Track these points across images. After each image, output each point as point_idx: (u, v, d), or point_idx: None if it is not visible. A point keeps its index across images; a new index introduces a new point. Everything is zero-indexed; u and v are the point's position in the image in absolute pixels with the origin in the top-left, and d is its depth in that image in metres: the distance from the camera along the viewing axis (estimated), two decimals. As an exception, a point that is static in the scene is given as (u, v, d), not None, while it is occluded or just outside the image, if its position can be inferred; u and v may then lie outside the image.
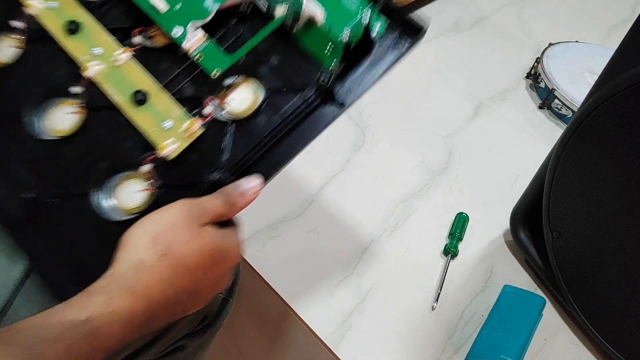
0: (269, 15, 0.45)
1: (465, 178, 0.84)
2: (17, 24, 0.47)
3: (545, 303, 0.69)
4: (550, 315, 0.70)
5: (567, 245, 0.65)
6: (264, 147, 0.43)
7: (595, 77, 0.61)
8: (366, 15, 0.43)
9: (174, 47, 0.46)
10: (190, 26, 0.44)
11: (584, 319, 0.66)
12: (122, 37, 0.46)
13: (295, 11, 0.44)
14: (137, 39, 0.46)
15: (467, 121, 0.95)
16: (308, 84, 0.44)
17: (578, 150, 0.60)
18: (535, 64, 1.05)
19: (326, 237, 0.73)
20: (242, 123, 0.44)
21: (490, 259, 0.75)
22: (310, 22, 0.44)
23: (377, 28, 0.44)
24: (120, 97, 0.44)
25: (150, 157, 0.42)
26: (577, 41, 1.11)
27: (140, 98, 0.43)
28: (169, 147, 0.43)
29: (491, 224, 0.79)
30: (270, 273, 0.68)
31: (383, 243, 0.74)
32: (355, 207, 0.77)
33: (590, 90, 0.62)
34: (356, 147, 0.86)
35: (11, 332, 0.30)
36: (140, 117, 0.44)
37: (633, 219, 0.58)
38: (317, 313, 0.65)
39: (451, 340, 0.65)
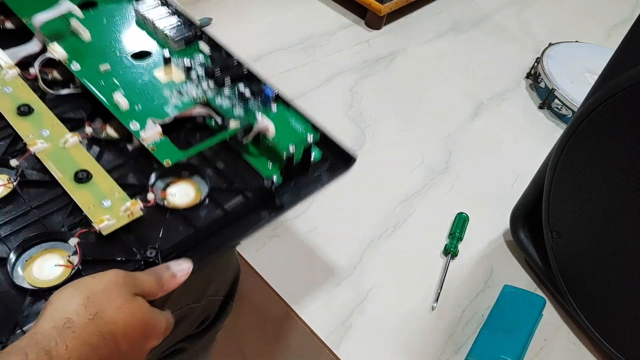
0: (222, 126, 0.50)
1: (465, 178, 0.84)
2: None
3: (545, 303, 0.69)
4: (550, 315, 0.70)
5: (567, 245, 0.65)
6: (201, 237, 0.45)
7: (595, 77, 0.61)
8: (310, 137, 0.49)
9: (121, 141, 0.50)
10: (149, 120, 0.48)
11: (583, 319, 0.66)
12: (72, 126, 0.49)
13: (248, 125, 0.50)
14: (89, 129, 0.49)
15: (467, 121, 0.95)
16: (250, 186, 0.48)
17: (578, 150, 0.60)
18: (535, 64, 1.05)
19: (326, 237, 0.73)
20: (183, 212, 0.46)
21: (490, 259, 0.75)
22: (261, 135, 0.50)
23: (314, 152, 0.51)
24: (61, 174, 0.46)
25: (82, 231, 0.43)
26: (577, 41, 1.11)
27: (81, 176, 0.46)
28: (106, 222, 0.43)
29: (491, 224, 0.79)
30: (270, 273, 0.68)
31: (383, 243, 0.74)
32: (355, 207, 0.77)
33: (590, 90, 0.62)
34: (356, 147, 0.86)
35: None
36: (79, 194, 0.45)
37: (633, 218, 0.58)
38: (317, 313, 0.65)
39: (451, 340, 0.65)
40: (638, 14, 0.58)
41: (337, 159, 0.52)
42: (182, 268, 0.41)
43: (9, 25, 0.58)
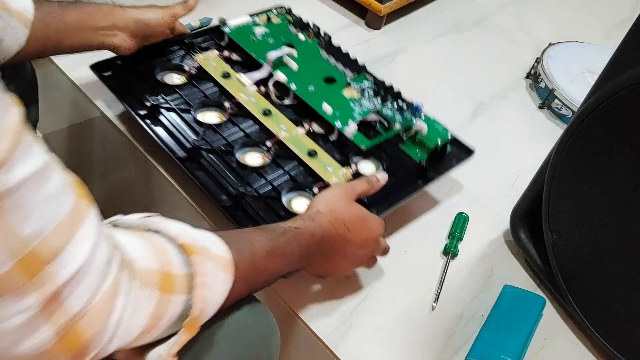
0: (388, 127, 0.76)
1: (465, 178, 0.84)
2: (227, 105, 0.78)
3: (545, 303, 0.69)
4: (550, 315, 0.70)
5: (567, 245, 0.65)
6: (387, 190, 0.69)
7: (595, 77, 0.61)
8: (449, 135, 0.77)
9: (324, 135, 0.77)
10: (350, 120, 0.75)
11: (584, 319, 0.66)
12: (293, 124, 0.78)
13: (407, 126, 0.76)
14: (306, 126, 0.77)
15: (467, 121, 0.95)
16: (409, 166, 0.75)
17: (578, 150, 0.61)
18: (535, 64, 1.05)
19: (326, 237, 0.73)
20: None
21: (490, 259, 0.75)
22: (416, 133, 0.77)
23: (447, 147, 0.78)
24: (298, 151, 0.73)
25: (320, 184, 0.70)
26: (577, 41, 1.11)
27: (312, 153, 0.73)
28: (333, 179, 0.71)
29: (491, 224, 0.79)
30: (270, 273, 0.68)
31: (383, 243, 0.74)
32: (355, 207, 0.77)
33: (590, 90, 0.62)
34: (356, 147, 0.86)
35: (262, 226, 0.54)
36: (313, 163, 0.73)
37: (633, 218, 0.58)
38: (317, 313, 0.65)
39: (451, 340, 0.65)
40: (638, 14, 0.58)
41: (461, 151, 0.78)
42: (382, 175, 0.67)
43: (234, 57, 0.86)
